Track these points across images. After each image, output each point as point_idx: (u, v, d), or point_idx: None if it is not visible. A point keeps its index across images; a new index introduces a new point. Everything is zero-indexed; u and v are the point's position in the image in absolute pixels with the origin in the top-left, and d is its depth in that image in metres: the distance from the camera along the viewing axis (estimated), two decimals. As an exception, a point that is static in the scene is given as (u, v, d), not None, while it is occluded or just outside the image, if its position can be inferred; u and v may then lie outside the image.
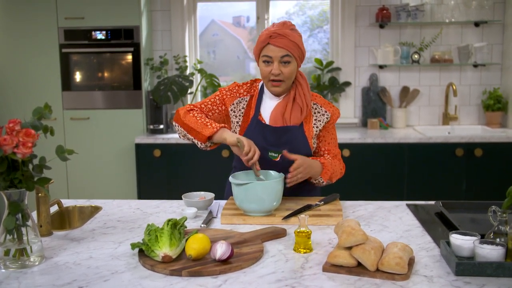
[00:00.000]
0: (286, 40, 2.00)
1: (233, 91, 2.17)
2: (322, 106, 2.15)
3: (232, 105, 2.15)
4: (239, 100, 2.15)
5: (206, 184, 3.66)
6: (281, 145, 2.08)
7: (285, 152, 2.00)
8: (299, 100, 2.10)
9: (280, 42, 1.99)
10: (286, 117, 2.09)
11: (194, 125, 2.05)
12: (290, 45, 2.00)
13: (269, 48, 2.02)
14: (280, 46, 2.00)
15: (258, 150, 1.96)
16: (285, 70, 2.03)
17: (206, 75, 4.32)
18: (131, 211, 2.09)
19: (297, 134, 2.09)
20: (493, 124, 4.27)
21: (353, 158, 3.82)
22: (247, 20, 4.70)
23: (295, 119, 2.09)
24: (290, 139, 2.08)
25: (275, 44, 2.00)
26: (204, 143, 2.05)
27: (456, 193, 3.84)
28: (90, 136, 4.17)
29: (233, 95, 2.16)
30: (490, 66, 4.36)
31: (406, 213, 2.02)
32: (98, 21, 4.07)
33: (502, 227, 1.50)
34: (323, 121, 2.14)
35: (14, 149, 1.44)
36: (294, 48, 2.01)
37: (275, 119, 2.10)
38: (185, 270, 1.43)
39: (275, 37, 2.00)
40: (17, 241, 1.52)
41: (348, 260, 1.44)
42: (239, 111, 2.15)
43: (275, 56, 2.01)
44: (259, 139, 2.07)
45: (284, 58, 2.01)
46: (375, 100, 4.40)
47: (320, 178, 2.10)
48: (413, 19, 4.22)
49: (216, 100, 2.15)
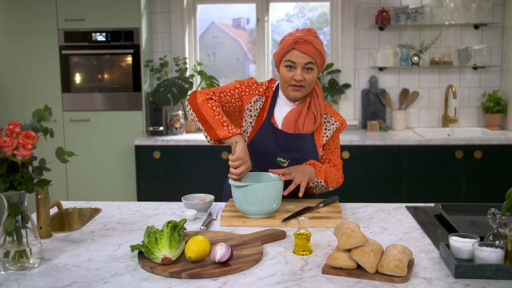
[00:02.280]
0: (311, 47, 1.99)
1: (252, 87, 2.13)
2: (332, 116, 2.16)
3: (249, 104, 2.11)
4: (257, 99, 2.11)
5: (205, 186, 3.66)
6: (291, 151, 2.08)
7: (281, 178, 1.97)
8: (314, 108, 2.09)
9: (305, 49, 1.98)
10: (299, 124, 2.08)
11: (211, 119, 1.98)
12: (315, 52, 1.99)
13: (294, 54, 2.00)
14: (305, 53, 1.98)
15: (245, 168, 1.91)
16: (308, 76, 2.02)
17: (206, 77, 4.33)
18: (131, 213, 2.09)
19: (308, 142, 2.09)
20: (492, 126, 4.28)
21: (353, 160, 3.82)
22: (247, 22, 4.70)
23: (308, 127, 2.08)
24: (300, 146, 2.08)
25: (301, 50, 1.98)
26: (214, 141, 1.99)
27: (456, 195, 3.84)
28: (90, 138, 4.17)
29: (252, 93, 2.11)
30: (490, 69, 4.36)
31: (405, 215, 2.02)
32: (98, 23, 4.07)
33: (501, 229, 1.50)
34: (332, 130, 2.15)
35: (14, 151, 1.44)
36: (317, 56, 2.00)
37: (287, 125, 2.08)
38: (184, 272, 1.43)
39: (300, 43, 1.98)
40: (17, 243, 1.52)
41: (347, 262, 1.44)
42: (255, 111, 2.12)
43: (299, 62, 2.00)
44: (270, 142, 2.07)
45: (307, 65, 2.00)
46: (375, 102, 4.40)
47: (317, 179, 2.08)
48: (413, 21, 4.23)
49: (235, 94, 2.10)
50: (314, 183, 2.09)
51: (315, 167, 2.08)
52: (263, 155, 2.08)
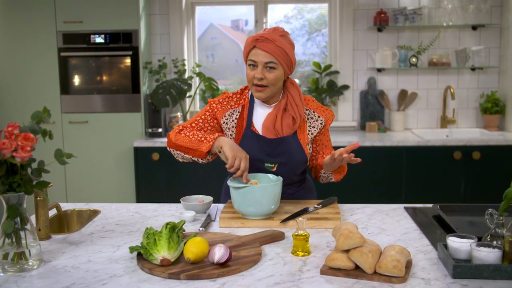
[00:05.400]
0: (272, 45, 1.95)
1: (223, 103, 2.11)
2: (315, 111, 2.13)
3: (224, 117, 2.10)
4: (231, 112, 2.10)
5: (204, 187, 3.66)
6: (276, 155, 2.07)
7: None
8: (291, 110, 2.06)
9: (265, 47, 1.95)
10: (277, 128, 2.05)
11: (189, 145, 1.99)
12: (277, 50, 1.96)
13: (254, 52, 1.99)
14: (265, 50, 1.96)
15: (245, 161, 1.91)
16: (269, 75, 1.98)
17: (204, 78, 4.33)
18: (130, 214, 2.09)
19: (292, 144, 2.07)
20: (491, 127, 4.29)
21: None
22: (245, 23, 4.71)
23: (287, 129, 2.06)
24: (285, 149, 2.07)
25: (261, 48, 1.96)
26: (204, 158, 2.00)
27: (454, 196, 3.84)
28: (89, 140, 4.17)
29: (224, 108, 2.10)
30: (488, 70, 4.37)
31: (403, 216, 2.02)
32: (96, 25, 4.07)
33: (499, 229, 1.50)
34: (317, 127, 2.13)
35: (13, 153, 1.44)
36: (280, 55, 1.97)
37: (267, 131, 2.07)
38: (183, 274, 1.44)
39: (261, 41, 1.96)
40: (16, 244, 1.52)
41: (346, 263, 1.44)
42: (232, 122, 2.10)
43: (259, 61, 1.97)
44: (255, 150, 2.05)
45: (269, 64, 1.97)
46: (373, 103, 4.41)
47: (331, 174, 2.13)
48: (411, 22, 4.24)
49: (207, 116, 2.10)
50: (326, 173, 2.13)
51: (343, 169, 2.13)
52: (250, 163, 2.04)
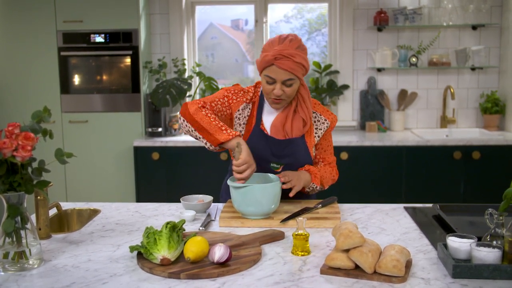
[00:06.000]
0: (290, 63, 1.92)
1: (238, 95, 2.10)
2: (321, 114, 2.14)
3: (238, 112, 2.09)
4: (244, 106, 2.10)
5: (204, 187, 3.66)
6: (283, 156, 2.07)
7: (283, 186, 1.96)
8: (301, 112, 2.06)
9: (284, 65, 1.92)
10: (287, 129, 2.06)
11: (208, 126, 1.96)
12: (295, 67, 1.93)
13: (273, 69, 1.94)
14: (284, 69, 1.93)
15: (251, 171, 1.90)
16: (288, 90, 1.98)
17: (204, 78, 4.33)
18: (130, 214, 2.09)
19: (300, 146, 2.08)
20: (491, 127, 4.29)
21: (351, 161, 3.83)
22: (245, 23, 4.71)
23: (297, 131, 2.06)
24: (293, 151, 2.07)
25: (280, 66, 1.92)
26: (215, 146, 1.97)
27: (454, 196, 3.84)
28: (89, 139, 4.17)
29: (239, 100, 2.09)
30: (488, 69, 4.37)
31: (403, 216, 2.02)
32: (96, 24, 4.07)
33: (499, 229, 1.50)
34: (323, 129, 2.13)
35: (13, 152, 1.45)
36: (298, 70, 1.95)
37: (276, 131, 2.07)
38: (183, 273, 1.44)
39: (280, 58, 1.92)
40: (16, 244, 1.52)
41: (345, 263, 1.45)
42: (244, 119, 2.10)
43: (278, 78, 1.95)
44: (262, 149, 2.06)
45: (287, 82, 1.96)
46: (373, 103, 4.41)
47: (313, 184, 2.09)
48: (411, 22, 4.24)
49: (225, 102, 2.08)
50: (309, 188, 2.10)
51: (310, 173, 2.08)
52: (256, 162, 2.02)
